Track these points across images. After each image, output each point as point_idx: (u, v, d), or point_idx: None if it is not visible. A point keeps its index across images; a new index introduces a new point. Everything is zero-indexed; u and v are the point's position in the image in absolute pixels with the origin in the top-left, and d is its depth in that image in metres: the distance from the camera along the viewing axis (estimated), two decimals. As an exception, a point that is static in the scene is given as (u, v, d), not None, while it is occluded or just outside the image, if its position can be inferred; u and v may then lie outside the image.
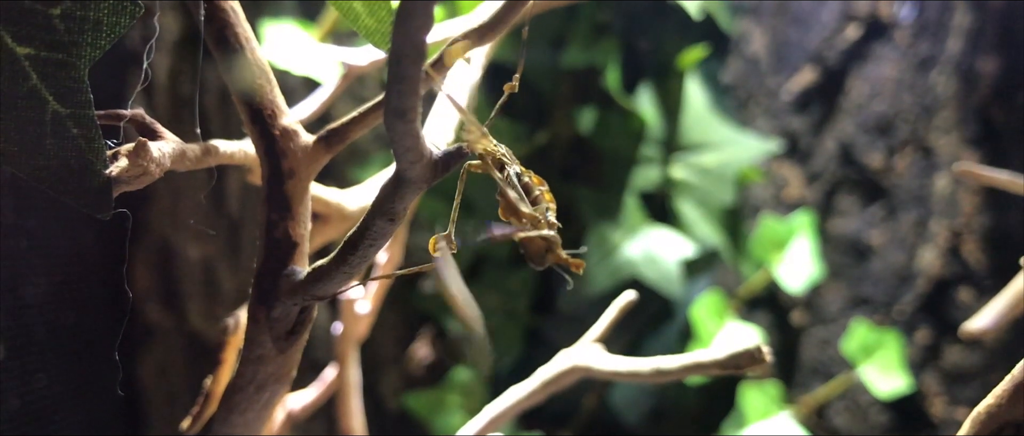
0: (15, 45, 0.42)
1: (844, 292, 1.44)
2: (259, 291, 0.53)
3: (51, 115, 0.43)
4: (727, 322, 1.29)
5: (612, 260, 1.26)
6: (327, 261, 0.49)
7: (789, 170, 1.48)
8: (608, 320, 0.75)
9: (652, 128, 1.33)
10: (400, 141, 0.40)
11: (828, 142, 1.47)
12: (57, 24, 0.42)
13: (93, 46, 0.43)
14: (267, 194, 0.53)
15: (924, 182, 1.42)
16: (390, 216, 0.45)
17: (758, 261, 1.35)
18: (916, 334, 1.39)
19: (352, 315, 0.88)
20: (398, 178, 0.43)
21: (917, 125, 1.43)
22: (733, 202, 1.34)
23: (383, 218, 0.45)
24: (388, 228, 0.46)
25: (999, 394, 0.47)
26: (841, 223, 1.45)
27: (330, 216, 0.73)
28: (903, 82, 1.44)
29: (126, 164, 0.45)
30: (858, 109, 1.45)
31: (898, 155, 1.43)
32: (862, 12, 1.46)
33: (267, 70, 0.53)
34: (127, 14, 0.43)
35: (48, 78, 0.43)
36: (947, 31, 1.43)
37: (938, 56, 1.42)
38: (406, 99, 0.38)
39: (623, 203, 1.30)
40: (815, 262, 1.34)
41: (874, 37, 1.46)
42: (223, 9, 0.52)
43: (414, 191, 0.43)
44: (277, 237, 0.53)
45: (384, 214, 0.45)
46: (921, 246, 1.42)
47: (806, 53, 1.49)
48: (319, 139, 0.54)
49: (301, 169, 0.54)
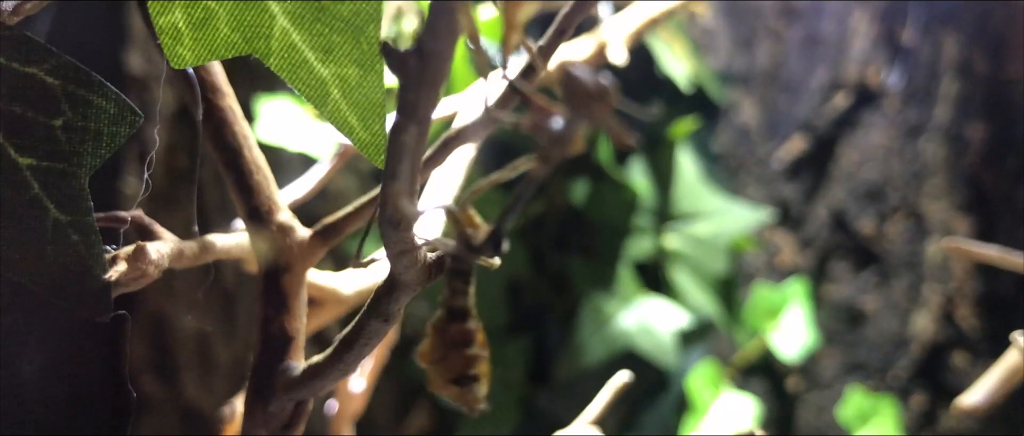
0: (17, 156, 0.43)
1: (839, 358, 1.44)
2: (255, 386, 0.53)
3: (52, 223, 0.44)
4: (723, 391, 1.29)
5: (607, 331, 1.27)
6: (323, 358, 0.50)
7: (782, 238, 1.49)
8: (604, 401, 0.75)
9: (644, 199, 1.35)
10: (394, 247, 0.41)
11: (820, 209, 1.48)
12: (59, 135, 0.43)
13: (93, 155, 0.44)
14: (263, 289, 0.54)
15: (916, 248, 1.43)
16: (384, 317, 0.46)
17: (752, 329, 1.36)
18: (911, 399, 1.40)
19: (347, 394, 0.88)
20: (392, 282, 0.44)
21: (907, 191, 1.44)
22: (727, 271, 1.35)
23: (378, 319, 0.46)
24: (383, 328, 0.46)
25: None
26: (835, 289, 1.45)
27: (325, 300, 0.73)
28: (893, 149, 1.45)
29: (125, 268, 0.46)
30: (849, 176, 1.47)
31: (889, 221, 1.44)
32: (851, 80, 1.49)
33: (264, 167, 0.54)
34: (126, 124, 0.44)
35: (49, 187, 0.44)
36: (935, 99, 1.45)
37: (926, 123, 1.45)
38: (400, 211, 0.39)
39: (617, 273, 1.31)
40: (810, 329, 1.35)
41: (863, 105, 1.48)
42: (222, 108, 0.53)
43: (408, 294, 0.44)
44: (273, 332, 0.54)
45: (379, 316, 0.45)
46: (915, 311, 1.43)
47: (796, 122, 1.51)
48: (315, 234, 0.55)
49: (297, 264, 0.55)
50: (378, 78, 0.38)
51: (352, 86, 0.38)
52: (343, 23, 0.38)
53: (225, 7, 0.38)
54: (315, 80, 0.39)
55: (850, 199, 1.46)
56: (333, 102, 0.39)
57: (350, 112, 0.39)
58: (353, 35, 0.38)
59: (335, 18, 0.38)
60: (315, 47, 0.39)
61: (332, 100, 0.39)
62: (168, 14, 0.39)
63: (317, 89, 0.39)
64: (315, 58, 0.39)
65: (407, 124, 0.35)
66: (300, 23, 0.38)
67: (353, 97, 0.39)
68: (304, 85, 0.39)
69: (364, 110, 0.39)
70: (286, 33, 0.39)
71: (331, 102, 0.39)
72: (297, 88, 0.39)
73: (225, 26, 0.39)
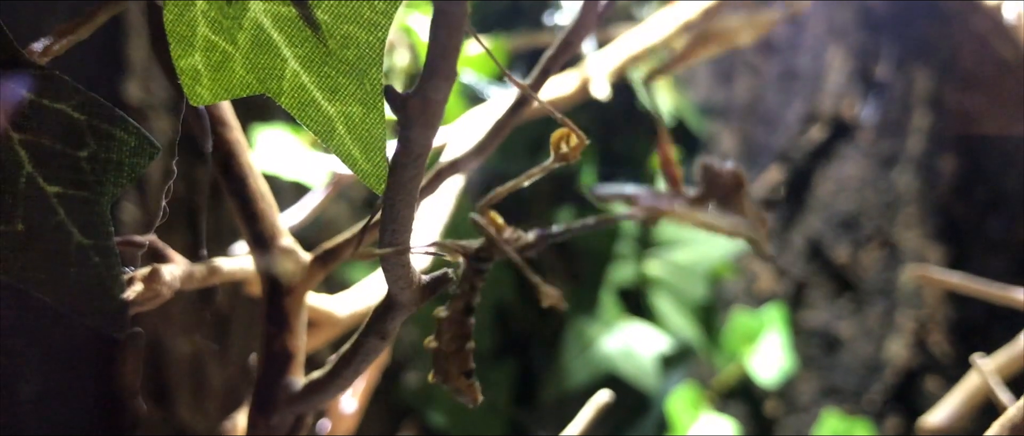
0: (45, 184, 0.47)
1: (815, 382, 1.48)
2: (259, 400, 0.57)
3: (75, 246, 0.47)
4: (702, 414, 1.32)
5: (590, 354, 1.30)
6: (322, 374, 0.53)
7: (760, 265, 1.53)
8: (586, 419, 0.78)
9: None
10: (391, 271, 0.45)
11: (796, 238, 1.52)
12: (83, 165, 0.47)
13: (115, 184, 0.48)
14: (267, 310, 0.58)
15: (890, 276, 1.48)
16: (381, 335, 0.49)
17: (731, 354, 1.40)
18: (886, 423, 1.43)
19: (338, 414, 0.92)
20: (389, 302, 0.47)
21: (881, 221, 1.49)
22: (706, 297, 1.39)
23: (375, 337, 0.49)
24: (380, 345, 0.50)
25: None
26: (811, 316, 1.50)
27: (321, 322, 0.77)
28: (867, 180, 1.50)
29: (141, 289, 0.49)
30: (824, 206, 1.51)
31: (864, 250, 1.49)
32: (826, 114, 1.53)
33: (268, 195, 0.58)
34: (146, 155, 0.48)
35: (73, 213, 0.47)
36: (907, 131, 1.50)
37: (899, 155, 1.49)
38: (399, 235, 0.43)
39: (600, 299, 1.35)
40: (787, 354, 1.39)
41: (838, 137, 1.53)
42: (229, 141, 0.57)
43: (404, 314, 0.48)
44: (275, 350, 0.57)
45: (376, 334, 0.49)
46: (888, 337, 1.47)
47: (773, 153, 1.55)
48: (315, 258, 0.58)
49: (298, 286, 0.58)
50: (380, 115, 0.42)
51: (356, 123, 0.42)
52: (348, 66, 0.42)
53: (242, 51, 0.42)
54: (322, 117, 0.43)
55: (826, 228, 1.50)
56: (338, 137, 0.43)
57: (354, 146, 0.43)
58: (357, 77, 0.42)
59: (341, 62, 0.42)
60: (323, 88, 0.43)
61: (338, 135, 0.43)
62: (188, 57, 0.43)
63: (324, 125, 0.43)
64: (323, 97, 0.43)
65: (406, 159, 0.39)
66: (309, 66, 0.42)
67: (357, 133, 0.42)
68: (312, 121, 0.43)
69: (367, 144, 0.43)
70: (296, 75, 0.43)
71: (337, 137, 0.43)
72: (306, 124, 0.43)
73: (241, 68, 0.43)
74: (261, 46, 0.42)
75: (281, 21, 0.42)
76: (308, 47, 0.42)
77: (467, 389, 0.48)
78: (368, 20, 0.41)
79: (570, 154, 0.45)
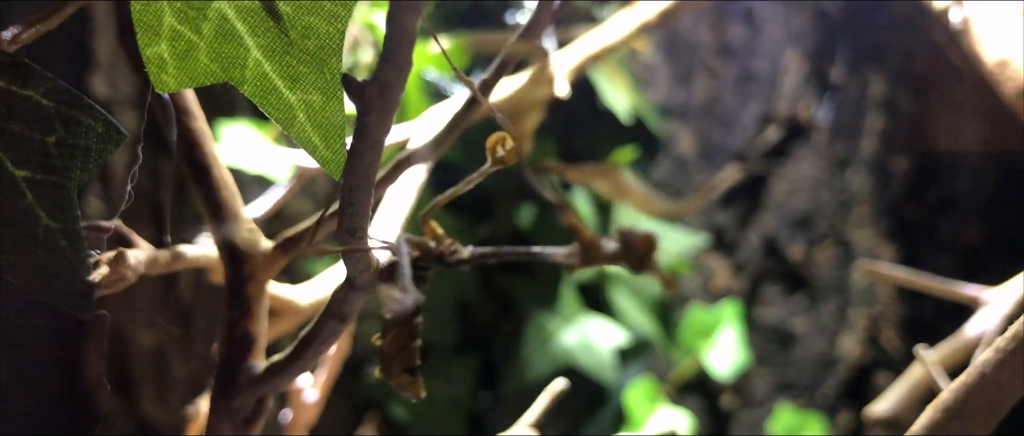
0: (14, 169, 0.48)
1: (770, 377, 1.51)
2: (221, 383, 0.58)
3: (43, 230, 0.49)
4: (659, 407, 1.35)
5: (549, 348, 1.32)
6: (283, 357, 0.55)
7: (716, 262, 1.56)
8: (542, 406, 0.80)
9: (587, 223, 1.41)
10: (350, 254, 0.47)
11: (752, 236, 1.56)
12: (51, 150, 0.48)
13: (82, 169, 0.49)
14: (229, 295, 0.59)
15: (843, 273, 1.51)
16: (340, 317, 0.51)
17: (688, 348, 1.43)
18: (838, 417, 1.47)
19: (301, 403, 0.93)
20: (348, 285, 0.49)
21: (835, 220, 1.52)
22: (663, 293, 1.42)
23: (334, 319, 0.51)
24: (339, 328, 0.52)
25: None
26: (766, 312, 1.53)
27: (283, 311, 0.78)
28: (821, 180, 1.54)
29: (107, 272, 0.51)
30: (780, 205, 1.54)
31: (818, 248, 1.52)
32: (782, 115, 1.57)
33: (232, 185, 0.60)
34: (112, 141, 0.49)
35: (41, 197, 0.48)
36: (861, 133, 1.54)
37: (853, 156, 1.53)
38: (356, 220, 0.44)
39: (560, 293, 1.37)
40: (742, 349, 1.42)
41: (793, 138, 1.56)
42: (193, 131, 0.59)
43: (362, 296, 0.49)
44: (237, 334, 0.59)
45: (335, 316, 0.51)
46: (842, 333, 1.50)
47: (730, 153, 1.59)
48: (277, 246, 0.60)
49: (260, 272, 0.60)
50: (339, 104, 0.44)
51: (316, 110, 0.44)
52: (309, 56, 0.44)
53: (206, 41, 0.44)
54: (284, 105, 0.44)
55: (781, 226, 1.54)
56: (299, 124, 0.45)
57: (314, 133, 0.45)
58: (317, 66, 0.44)
59: (302, 51, 0.44)
60: (284, 76, 0.44)
61: (298, 122, 0.45)
62: (155, 45, 0.45)
63: (285, 113, 0.44)
64: (284, 86, 0.44)
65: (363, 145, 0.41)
66: (271, 55, 0.44)
67: (317, 120, 0.44)
68: (274, 109, 0.45)
69: (326, 131, 0.44)
70: (259, 64, 0.44)
71: (297, 124, 0.44)
72: (268, 112, 0.45)
73: (205, 57, 0.44)
74: (225, 36, 0.44)
75: (244, 12, 0.44)
76: (270, 37, 0.44)
77: (409, 385, 0.50)
78: (328, 11, 0.43)
79: (506, 157, 0.48)
